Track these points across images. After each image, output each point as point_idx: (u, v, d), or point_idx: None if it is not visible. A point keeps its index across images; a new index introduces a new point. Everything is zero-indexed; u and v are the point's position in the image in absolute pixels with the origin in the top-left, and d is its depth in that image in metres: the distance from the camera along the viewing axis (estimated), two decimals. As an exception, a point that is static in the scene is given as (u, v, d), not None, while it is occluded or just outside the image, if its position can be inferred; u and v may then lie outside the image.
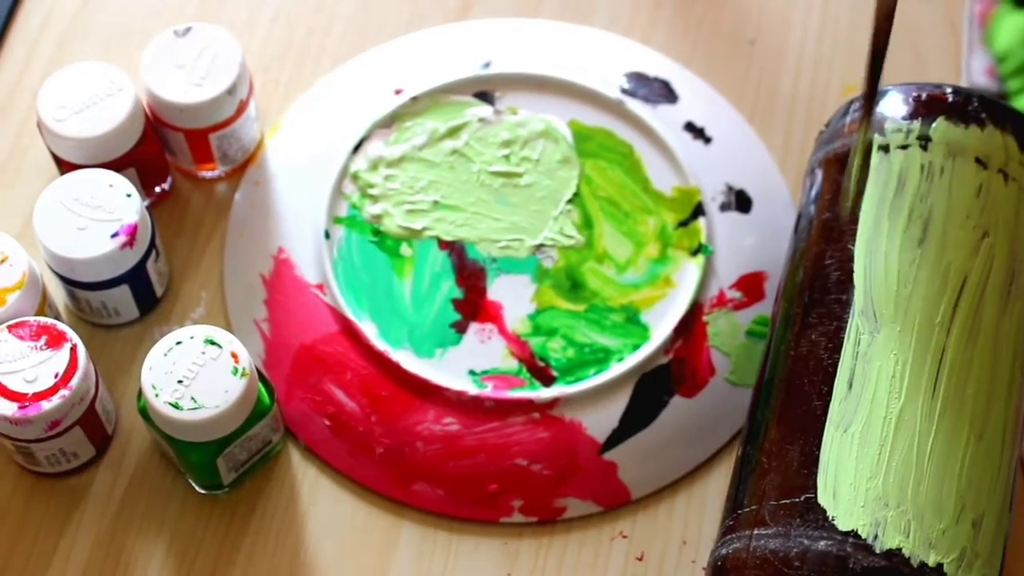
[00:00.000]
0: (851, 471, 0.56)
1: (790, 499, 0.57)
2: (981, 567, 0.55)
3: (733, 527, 0.58)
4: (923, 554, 0.54)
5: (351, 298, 0.68)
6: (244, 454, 0.64)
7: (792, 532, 0.56)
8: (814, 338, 0.60)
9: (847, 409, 0.57)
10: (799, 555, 0.55)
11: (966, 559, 0.55)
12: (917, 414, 0.56)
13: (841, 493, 0.56)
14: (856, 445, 0.56)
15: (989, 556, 0.55)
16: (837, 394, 0.58)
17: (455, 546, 0.65)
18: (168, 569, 0.64)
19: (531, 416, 0.65)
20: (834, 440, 0.57)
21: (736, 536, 0.58)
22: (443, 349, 0.67)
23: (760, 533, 0.57)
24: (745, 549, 0.57)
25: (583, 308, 0.68)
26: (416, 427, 0.66)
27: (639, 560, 0.65)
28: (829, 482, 0.56)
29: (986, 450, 0.57)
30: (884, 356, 0.58)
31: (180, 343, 0.62)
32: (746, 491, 0.59)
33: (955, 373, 0.57)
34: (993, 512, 0.56)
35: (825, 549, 0.55)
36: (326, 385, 0.67)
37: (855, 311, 0.59)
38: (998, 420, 0.57)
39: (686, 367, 0.67)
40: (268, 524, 0.65)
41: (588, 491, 0.65)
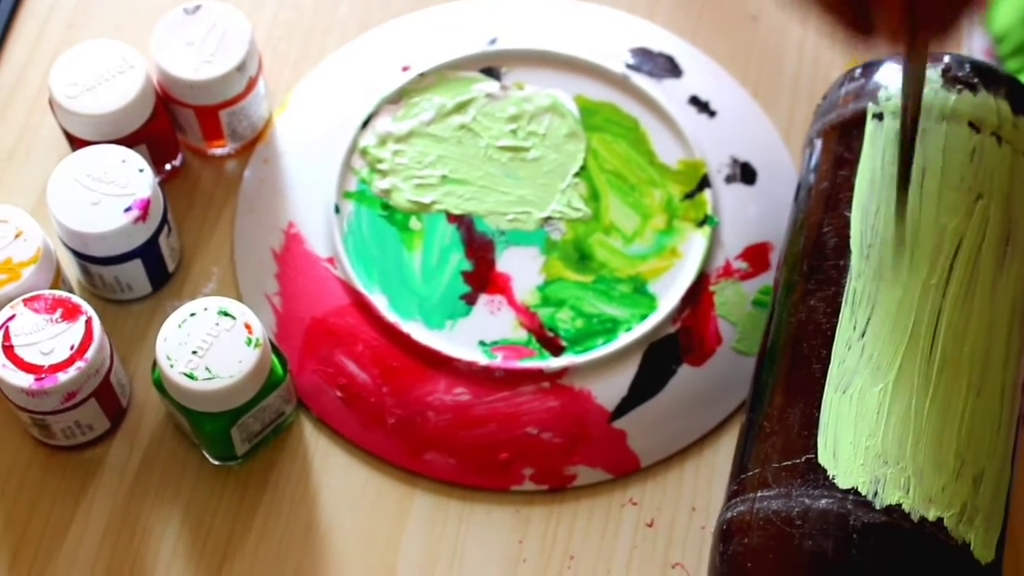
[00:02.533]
0: (850, 431, 0.57)
1: (792, 460, 0.57)
2: (983, 522, 0.56)
3: (738, 491, 0.59)
4: (923, 509, 0.55)
5: (361, 271, 0.68)
6: (257, 425, 0.65)
7: (794, 492, 0.56)
8: (813, 304, 0.61)
9: (845, 371, 0.58)
10: (800, 514, 0.56)
11: (966, 514, 0.55)
12: (914, 373, 0.57)
13: (841, 453, 0.56)
14: (855, 405, 0.57)
15: (990, 511, 0.56)
16: (836, 357, 0.59)
17: (467, 514, 0.66)
18: (183, 540, 0.65)
19: (541, 385, 0.66)
20: (833, 402, 0.58)
21: (741, 499, 0.58)
22: (453, 320, 0.68)
23: (763, 495, 0.57)
24: (749, 511, 0.57)
25: (591, 279, 0.68)
26: (427, 397, 0.66)
27: (649, 527, 0.65)
28: (829, 442, 0.57)
29: (985, 407, 0.57)
30: (881, 318, 0.59)
31: (194, 314, 0.63)
32: (750, 455, 0.60)
33: (952, 333, 0.58)
34: (994, 468, 0.57)
35: (826, 507, 0.55)
36: (337, 357, 0.67)
37: (852, 275, 0.60)
38: (996, 377, 0.58)
39: (693, 336, 0.68)
40: (281, 495, 0.66)
41: (598, 459, 0.66)
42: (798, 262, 0.63)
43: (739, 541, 0.57)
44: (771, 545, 0.56)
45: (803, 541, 0.55)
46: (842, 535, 0.55)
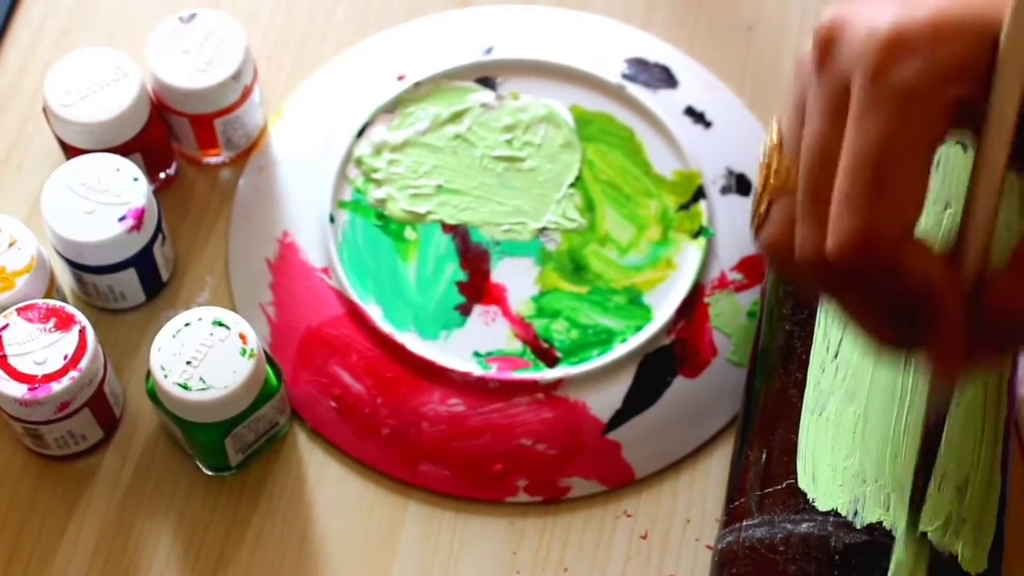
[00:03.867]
0: (828, 453, 0.57)
1: (773, 487, 0.58)
2: (971, 532, 0.55)
3: (727, 522, 0.59)
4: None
5: (356, 281, 0.68)
6: (251, 435, 0.65)
7: (776, 519, 0.56)
8: (788, 328, 0.61)
9: (821, 393, 0.58)
10: (783, 540, 0.56)
11: (952, 525, 0.55)
12: (889, 390, 0.57)
13: (820, 475, 0.57)
14: (832, 427, 0.57)
15: (979, 520, 0.56)
16: (811, 380, 0.59)
17: (461, 525, 0.66)
18: (176, 551, 0.65)
19: (535, 397, 0.66)
20: (810, 425, 0.58)
21: (729, 530, 0.59)
22: (448, 331, 0.67)
23: (748, 524, 0.57)
24: (736, 541, 0.58)
25: (586, 290, 0.68)
26: (421, 408, 0.66)
27: (643, 538, 0.65)
28: (808, 466, 0.57)
29: (965, 417, 0.57)
30: (853, 338, 0.59)
31: (188, 324, 0.63)
32: (737, 484, 0.60)
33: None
34: (979, 477, 0.57)
35: (807, 531, 0.55)
36: (332, 367, 0.67)
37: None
38: (977, 387, 0.58)
39: (688, 348, 0.68)
40: (275, 505, 0.66)
41: (592, 470, 0.66)
42: (775, 288, 0.63)
43: (728, 571, 0.58)
44: (756, 573, 0.56)
45: (787, 567, 0.55)
46: (824, 557, 0.55)
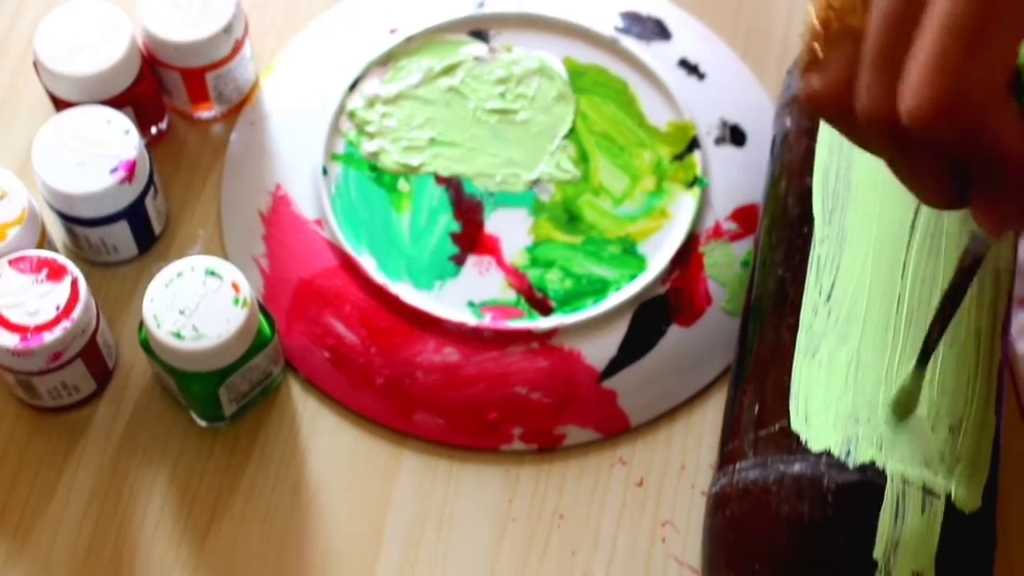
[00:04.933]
0: (821, 394, 0.57)
1: (767, 430, 0.57)
2: (964, 470, 0.55)
3: (721, 465, 0.59)
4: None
5: (349, 233, 0.68)
6: (245, 385, 0.64)
7: (769, 460, 0.56)
8: (781, 274, 0.61)
9: (813, 336, 0.58)
10: (776, 481, 0.56)
11: (945, 464, 0.55)
12: (882, 330, 0.57)
13: (813, 416, 0.56)
14: (824, 368, 0.57)
15: (973, 459, 0.56)
16: (803, 323, 0.59)
17: (456, 474, 0.65)
18: (171, 501, 0.65)
19: (530, 346, 0.66)
20: (803, 367, 0.58)
21: (723, 473, 0.59)
22: (442, 281, 0.67)
23: (741, 466, 0.57)
24: (729, 484, 0.58)
25: (580, 240, 0.68)
26: (416, 358, 0.66)
27: (638, 485, 0.65)
28: (801, 407, 0.57)
29: (958, 356, 0.57)
30: (846, 280, 0.59)
31: (181, 274, 0.62)
32: (731, 428, 0.60)
33: (918, 286, 0.58)
34: (973, 416, 0.56)
35: (800, 471, 0.55)
36: (326, 318, 0.67)
37: (816, 241, 0.60)
38: (970, 326, 0.58)
39: (683, 297, 0.67)
40: (269, 456, 0.66)
41: (587, 419, 0.66)
42: (768, 234, 0.63)
43: (721, 514, 0.58)
44: (750, 514, 0.56)
45: (780, 507, 0.55)
46: (817, 497, 0.55)
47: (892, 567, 0.53)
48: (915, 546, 0.54)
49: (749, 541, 0.56)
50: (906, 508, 0.54)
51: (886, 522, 0.54)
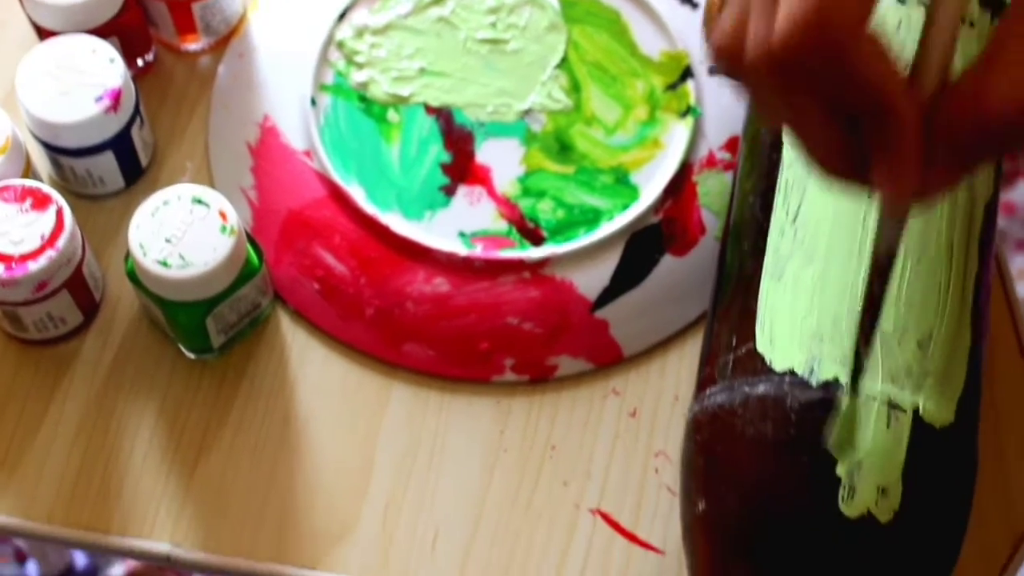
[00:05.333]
0: (787, 315, 0.56)
1: (734, 354, 0.57)
2: (935, 385, 0.55)
3: (696, 392, 0.59)
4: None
5: (338, 163, 0.67)
6: (233, 316, 0.64)
7: (735, 384, 0.56)
8: (752, 200, 0.60)
9: (780, 258, 0.58)
10: (741, 403, 0.55)
11: (912, 378, 0.55)
12: (847, 250, 0.56)
13: (778, 337, 0.56)
14: (790, 289, 0.57)
15: (944, 374, 0.55)
16: (770, 246, 0.58)
17: (447, 405, 0.65)
18: (159, 433, 0.64)
19: (521, 276, 0.65)
20: (769, 290, 0.57)
21: (696, 400, 0.58)
22: (432, 211, 0.66)
23: (711, 391, 0.57)
24: (701, 410, 0.57)
25: (572, 170, 0.67)
26: (406, 288, 0.65)
27: (631, 416, 0.65)
28: (766, 329, 0.56)
29: (927, 271, 0.56)
30: (812, 202, 0.58)
31: (167, 203, 0.61)
32: (705, 356, 0.59)
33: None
34: (944, 330, 0.56)
35: (764, 392, 0.55)
36: (315, 249, 0.66)
37: (784, 165, 0.60)
38: (939, 240, 0.57)
39: (676, 226, 0.67)
40: (258, 387, 0.65)
41: (580, 349, 0.65)
42: (745, 161, 0.63)
43: (693, 441, 0.57)
44: (717, 438, 0.56)
45: (745, 429, 0.55)
46: (780, 416, 0.54)
47: (856, 482, 0.53)
48: (880, 461, 0.53)
49: (717, 465, 0.55)
50: (869, 423, 0.53)
51: (846, 437, 0.53)
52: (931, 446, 0.54)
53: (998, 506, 0.63)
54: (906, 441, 0.54)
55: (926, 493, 0.54)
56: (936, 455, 0.54)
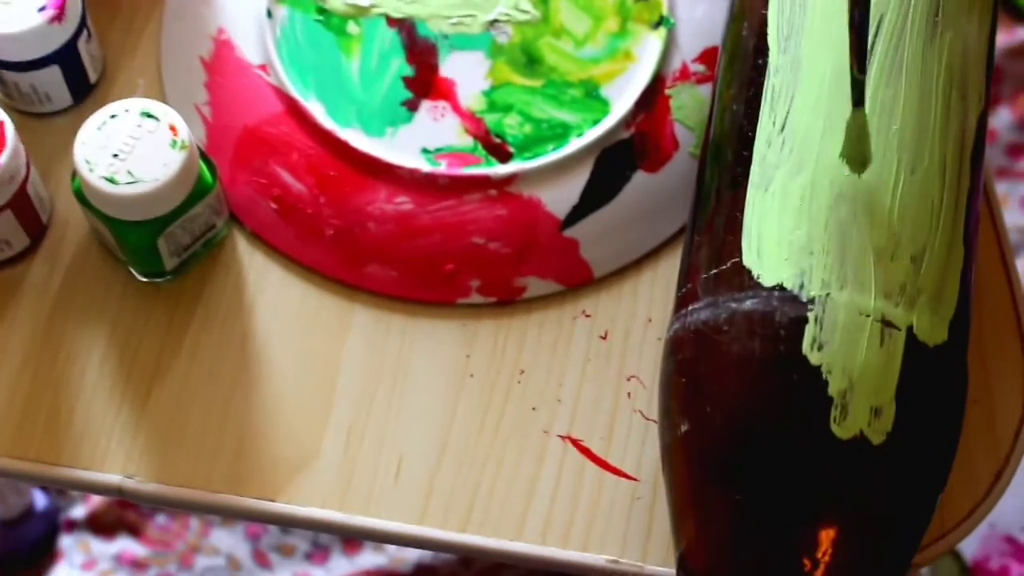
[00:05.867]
0: (775, 227, 0.54)
1: (718, 268, 0.54)
2: (928, 302, 0.53)
3: (676, 309, 0.56)
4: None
5: (296, 77, 0.64)
6: (186, 237, 0.61)
7: (720, 299, 0.53)
8: (735, 108, 0.58)
9: (767, 168, 0.55)
10: (727, 320, 0.53)
11: (906, 295, 0.52)
12: (838, 161, 0.54)
13: (765, 250, 0.53)
14: (778, 201, 0.54)
15: (937, 291, 0.53)
16: (757, 156, 0.56)
17: (411, 329, 0.62)
18: (110, 360, 0.61)
19: (487, 193, 0.63)
20: (756, 201, 0.55)
21: (676, 317, 0.56)
22: (394, 127, 0.64)
23: (694, 308, 0.54)
24: (682, 327, 0.55)
25: (540, 83, 0.65)
26: (367, 207, 0.62)
27: (603, 339, 0.62)
28: (753, 243, 0.54)
29: (921, 184, 0.54)
30: (801, 109, 0.55)
31: (115, 116, 0.59)
32: (685, 272, 0.57)
33: (877, 112, 0.55)
34: (938, 246, 0.54)
35: (751, 308, 0.52)
36: (271, 167, 0.63)
37: (770, 72, 0.57)
38: (934, 152, 0.54)
39: (648, 141, 0.64)
40: (214, 312, 0.62)
41: (549, 269, 0.63)
42: (725, 71, 0.60)
43: (674, 360, 0.55)
44: (701, 357, 0.53)
45: (731, 346, 0.52)
46: (768, 333, 0.52)
47: (849, 402, 0.51)
48: (873, 380, 0.51)
49: (701, 385, 0.53)
50: (863, 341, 0.51)
51: (841, 356, 0.51)
52: (924, 366, 0.52)
53: (981, 429, 0.61)
54: (899, 360, 0.52)
55: (919, 414, 0.52)
56: (929, 375, 0.52)
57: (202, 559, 1.00)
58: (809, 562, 0.50)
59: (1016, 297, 0.64)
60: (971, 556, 1.00)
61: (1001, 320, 0.64)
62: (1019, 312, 0.64)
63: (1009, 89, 1.15)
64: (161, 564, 1.00)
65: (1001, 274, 0.65)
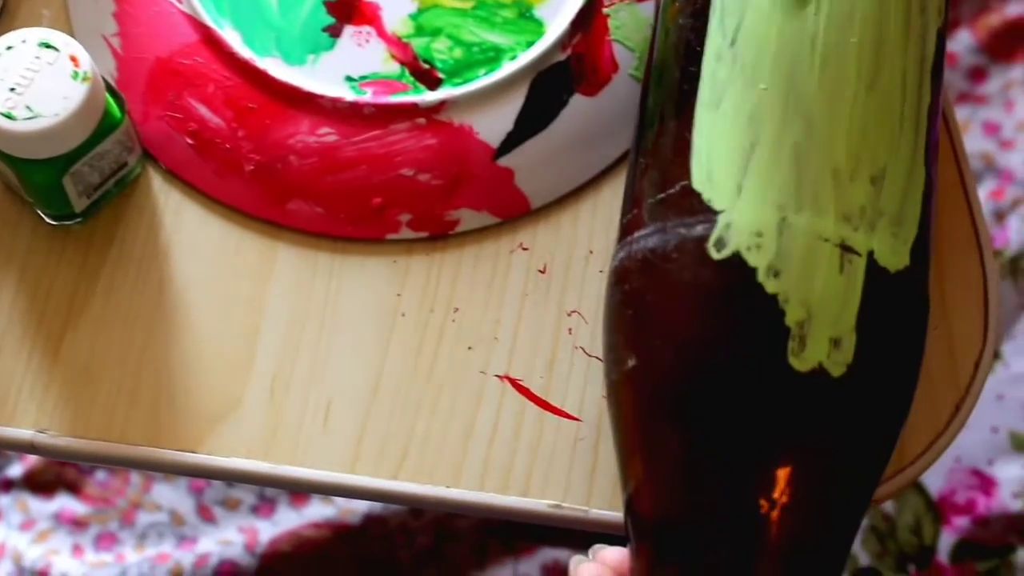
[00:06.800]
0: (726, 147, 0.50)
1: (666, 192, 0.51)
2: (888, 225, 0.49)
3: (620, 237, 0.53)
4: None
5: (210, 4, 0.60)
6: (95, 176, 0.57)
7: (668, 225, 0.50)
8: (682, 22, 0.54)
9: (717, 85, 0.51)
10: (676, 247, 0.49)
11: (866, 218, 0.49)
12: (794, 73, 0.51)
13: (716, 173, 0.50)
14: (729, 119, 0.51)
15: (899, 214, 0.50)
16: (706, 72, 0.52)
17: (338, 267, 0.59)
18: (18, 307, 0.58)
19: (416, 122, 0.59)
20: (705, 120, 0.51)
21: (621, 246, 0.52)
22: (315, 55, 0.60)
23: (640, 235, 0.51)
24: (628, 256, 0.51)
25: (470, 5, 0.61)
26: (288, 140, 0.59)
27: (541, 272, 0.59)
28: (703, 164, 0.50)
29: (880, 101, 0.51)
30: (753, 21, 0.52)
31: (11, 48, 0.55)
32: (629, 198, 0.54)
33: (834, 24, 0.51)
34: (899, 166, 0.50)
35: (702, 234, 0.49)
36: (186, 100, 0.60)
37: None
38: (893, 67, 0.51)
39: (586, 63, 0.61)
40: (128, 253, 0.59)
41: (483, 201, 0.59)
42: None
43: (620, 291, 0.51)
44: (649, 287, 0.50)
45: (680, 275, 0.49)
46: (720, 259, 0.48)
47: (807, 333, 0.47)
48: (833, 309, 0.48)
49: (648, 316, 0.50)
50: (822, 267, 0.48)
51: (798, 284, 0.48)
52: (886, 293, 0.49)
53: (940, 357, 0.58)
54: (860, 287, 0.48)
55: (880, 345, 0.49)
56: (891, 303, 0.49)
57: (144, 515, 0.97)
58: (766, 502, 0.47)
59: (976, 220, 0.61)
60: (937, 490, 0.98)
61: (960, 244, 0.61)
62: (979, 236, 0.61)
63: (969, 11, 1.12)
64: (102, 522, 0.97)
65: (960, 197, 0.62)
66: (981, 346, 0.59)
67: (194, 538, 0.96)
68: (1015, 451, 0.98)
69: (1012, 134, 1.10)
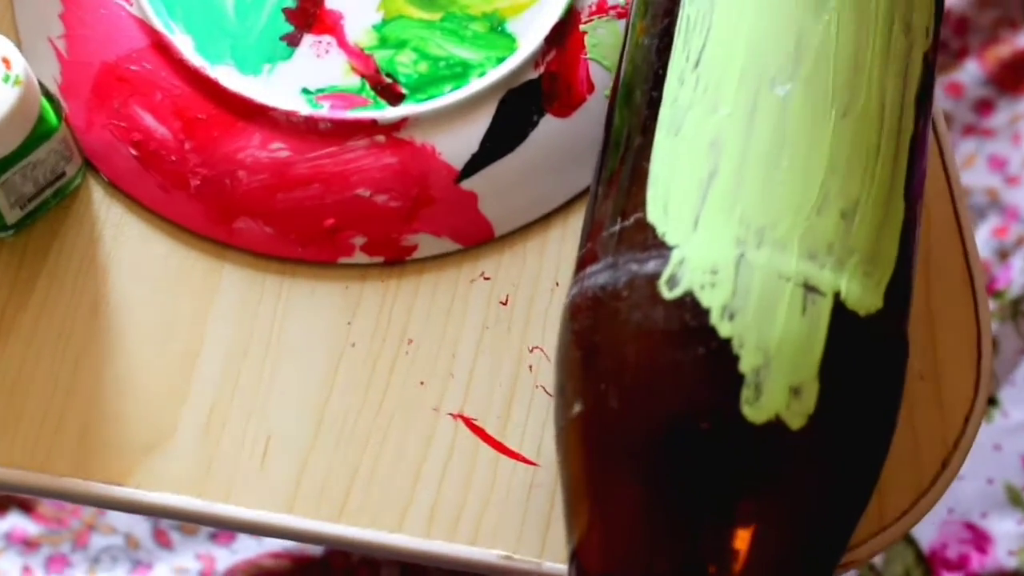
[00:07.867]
0: (684, 177, 0.46)
1: (620, 225, 0.47)
2: (860, 264, 0.46)
3: (575, 272, 0.50)
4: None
5: (162, 8, 0.57)
6: (29, 186, 0.54)
7: (620, 260, 0.46)
8: (646, 43, 0.51)
9: (678, 109, 0.48)
10: (627, 284, 0.46)
11: (834, 256, 0.45)
12: (761, 99, 0.47)
13: (673, 204, 0.46)
14: (690, 147, 0.47)
15: (872, 252, 0.46)
16: (667, 96, 0.49)
17: (286, 291, 0.55)
18: (-56, 324, 0.54)
19: (375, 139, 0.55)
20: (664, 147, 0.48)
21: (575, 281, 0.49)
22: (271, 64, 0.57)
23: (592, 271, 0.48)
24: (580, 293, 0.48)
25: (438, 16, 0.57)
26: (238, 154, 0.55)
27: (503, 304, 0.55)
28: (660, 195, 0.47)
29: (855, 129, 0.47)
30: (719, 41, 0.48)
31: (-60, 47, 0.51)
32: (587, 230, 0.50)
33: (807, 46, 0.48)
34: (873, 200, 0.47)
35: (654, 271, 0.45)
36: (132, 109, 0.56)
37: (686, 1, 0.50)
38: (872, 93, 0.47)
39: (559, 82, 0.57)
40: (64, 268, 0.55)
41: (443, 226, 0.56)
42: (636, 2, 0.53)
43: (570, 329, 0.48)
44: (597, 326, 0.46)
45: (630, 315, 0.45)
46: (672, 299, 0.45)
47: (763, 381, 0.44)
48: (792, 355, 0.44)
49: (596, 359, 0.46)
50: (782, 308, 0.44)
51: (755, 327, 0.44)
52: (854, 338, 0.45)
53: (927, 411, 0.55)
54: (824, 331, 0.45)
55: (847, 394, 0.45)
56: (860, 349, 0.46)
57: (98, 538, 0.93)
58: (716, 564, 0.44)
59: (971, 263, 0.57)
60: (928, 543, 0.94)
61: (953, 288, 0.57)
62: (974, 280, 0.57)
63: (977, 41, 1.08)
64: (54, 543, 0.93)
65: (955, 237, 0.58)
66: (972, 399, 0.55)
67: (149, 564, 0.92)
68: (1011, 505, 0.94)
69: (1019, 169, 1.06)
